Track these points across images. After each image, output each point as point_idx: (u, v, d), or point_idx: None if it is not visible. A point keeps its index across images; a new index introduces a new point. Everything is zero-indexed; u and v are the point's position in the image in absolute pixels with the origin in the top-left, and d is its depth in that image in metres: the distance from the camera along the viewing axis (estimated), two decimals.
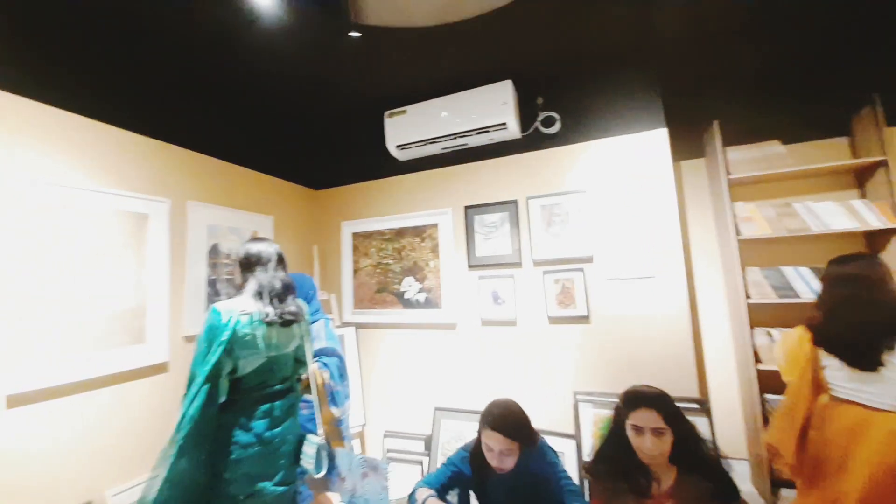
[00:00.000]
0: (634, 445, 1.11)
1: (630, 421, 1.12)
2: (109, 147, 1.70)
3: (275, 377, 1.37)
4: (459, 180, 2.44)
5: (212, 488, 1.22)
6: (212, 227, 2.11)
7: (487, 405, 1.30)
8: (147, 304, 1.74)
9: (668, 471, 1.11)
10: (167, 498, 1.12)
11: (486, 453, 1.22)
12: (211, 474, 1.22)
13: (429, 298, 2.40)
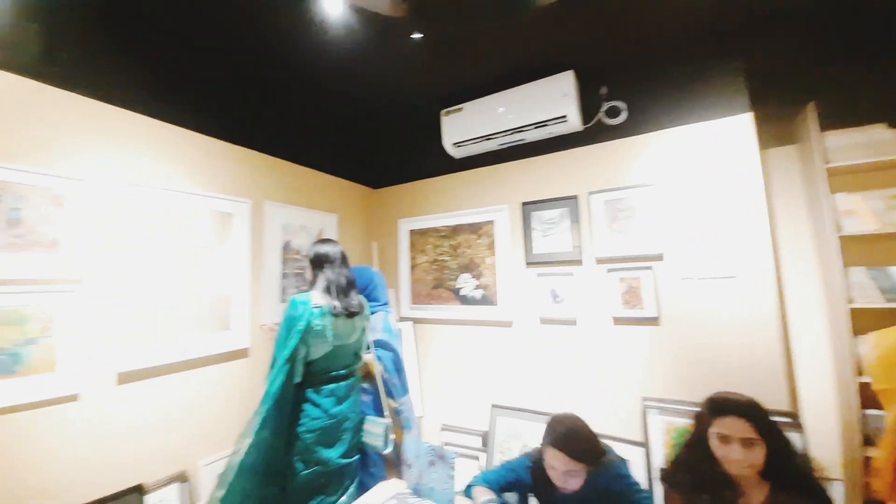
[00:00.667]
0: (719, 456, 1.02)
1: (715, 429, 1.04)
2: (202, 153, 1.90)
3: (338, 363, 1.56)
4: (516, 176, 2.41)
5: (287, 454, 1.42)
6: (285, 225, 2.27)
7: (550, 421, 1.26)
8: (232, 295, 1.92)
9: (759, 486, 1.02)
10: (253, 460, 1.33)
11: (549, 471, 1.18)
12: (287, 442, 1.43)
13: (485, 295, 2.40)
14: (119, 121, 1.61)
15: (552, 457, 1.16)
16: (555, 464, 1.15)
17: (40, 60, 1.41)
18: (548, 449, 1.18)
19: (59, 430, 1.35)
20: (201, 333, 1.78)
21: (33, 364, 1.30)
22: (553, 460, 1.15)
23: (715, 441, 1.04)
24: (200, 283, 1.80)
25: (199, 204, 1.84)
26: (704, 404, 1.11)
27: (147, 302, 1.61)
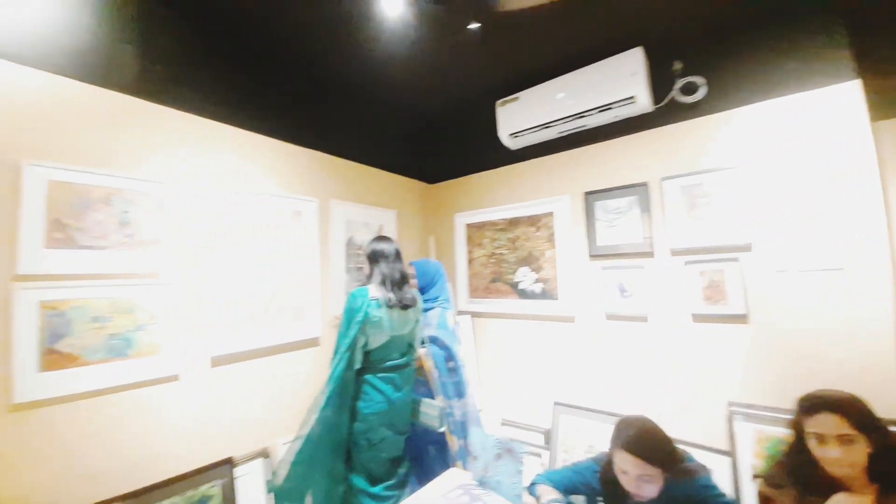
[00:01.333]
0: (818, 457, 0.91)
1: (809, 428, 0.94)
2: (275, 156, 2.04)
3: (395, 352, 1.69)
4: (577, 165, 2.29)
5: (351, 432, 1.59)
6: (348, 221, 2.38)
7: (619, 423, 1.19)
8: (304, 288, 2.05)
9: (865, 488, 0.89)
10: (318, 435, 1.51)
11: (621, 476, 1.11)
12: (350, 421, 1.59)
13: (545, 289, 2.33)
14: (206, 130, 1.78)
15: (623, 460, 1.09)
16: (627, 468, 1.08)
17: (138, 78, 1.59)
18: (618, 452, 1.11)
19: (162, 407, 1.54)
20: (279, 323, 1.92)
21: (142, 348, 1.49)
22: (624, 464, 1.09)
23: (812, 441, 0.94)
24: (277, 276, 1.94)
25: (274, 204, 1.98)
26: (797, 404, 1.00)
27: (234, 294, 1.77)
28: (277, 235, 1.97)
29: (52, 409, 1.30)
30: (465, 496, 1.23)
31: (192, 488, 1.49)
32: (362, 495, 1.55)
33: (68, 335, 1.33)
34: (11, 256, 1.26)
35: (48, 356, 1.29)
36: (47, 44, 1.38)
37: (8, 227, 1.26)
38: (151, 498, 1.40)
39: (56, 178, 1.36)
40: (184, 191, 1.66)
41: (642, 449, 1.06)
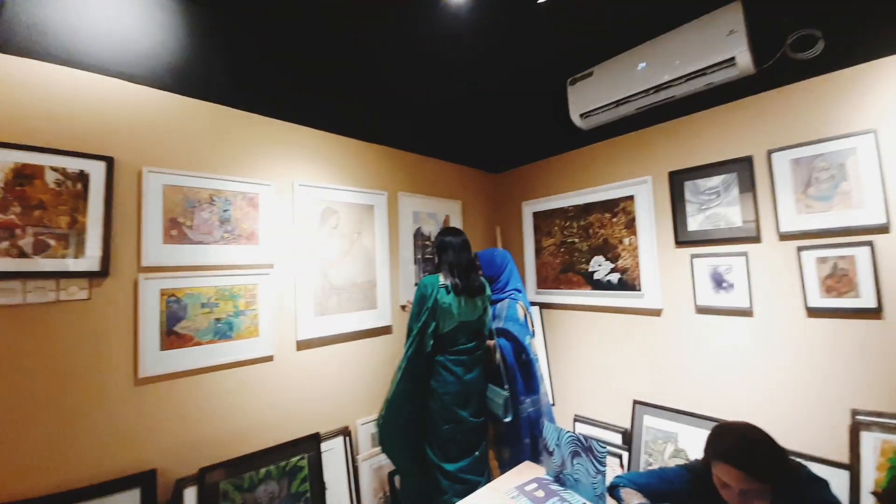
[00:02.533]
0: None
1: None
2: (348, 153, 2.14)
3: (465, 337, 1.74)
4: (661, 142, 2.07)
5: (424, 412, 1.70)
6: (415, 213, 2.42)
7: (717, 430, 1.05)
8: (377, 278, 2.13)
9: None
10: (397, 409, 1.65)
11: (722, 490, 0.99)
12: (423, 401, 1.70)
13: (623, 280, 2.16)
14: (288, 132, 1.92)
15: (723, 473, 0.97)
16: (728, 481, 0.96)
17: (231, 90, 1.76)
18: (717, 464, 0.99)
19: (259, 384, 1.71)
20: (355, 311, 2.03)
21: (243, 331, 1.67)
22: (725, 477, 0.96)
23: None
24: (352, 268, 2.05)
25: (349, 198, 2.08)
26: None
27: (316, 283, 1.90)
28: (351, 228, 2.08)
29: (170, 383, 1.50)
30: (541, 490, 1.19)
31: (285, 459, 1.64)
32: (437, 470, 1.63)
33: (184, 319, 1.53)
34: (137, 251, 1.47)
35: (167, 337, 1.50)
36: (155, 64, 1.57)
37: (134, 226, 1.47)
38: (252, 465, 1.56)
39: (169, 182, 1.56)
40: (272, 190, 1.81)
41: (747, 461, 0.93)
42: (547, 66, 2.25)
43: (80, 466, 1.31)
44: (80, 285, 1.36)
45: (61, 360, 1.31)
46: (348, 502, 1.77)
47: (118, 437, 1.39)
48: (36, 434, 1.26)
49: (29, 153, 1.30)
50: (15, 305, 1.26)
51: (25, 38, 1.32)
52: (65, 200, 1.35)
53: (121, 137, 1.47)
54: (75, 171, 1.37)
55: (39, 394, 1.27)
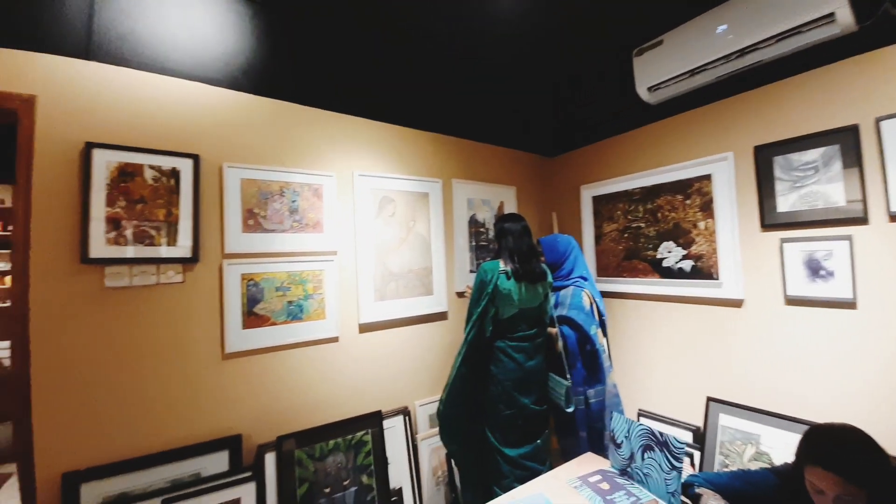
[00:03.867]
0: None
1: None
2: (403, 142, 2.18)
3: (525, 324, 1.70)
4: (745, 114, 1.85)
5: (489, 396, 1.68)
6: (469, 200, 2.41)
7: (813, 432, 0.95)
8: (433, 265, 2.17)
9: None
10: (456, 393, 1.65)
11: (815, 496, 0.89)
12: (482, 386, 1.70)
13: (697, 267, 1.99)
14: (347, 125, 1.99)
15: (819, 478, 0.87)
16: (823, 487, 0.86)
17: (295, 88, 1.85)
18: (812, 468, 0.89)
19: (326, 362, 1.82)
20: (413, 297, 2.09)
21: (312, 313, 1.78)
22: (821, 482, 0.87)
23: None
24: (409, 254, 2.10)
25: (405, 186, 2.12)
26: None
27: (376, 270, 1.98)
28: (407, 216, 2.12)
29: (250, 358, 1.65)
30: (606, 483, 1.15)
31: (351, 433, 1.74)
32: (497, 454, 1.63)
33: (262, 301, 1.67)
34: (221, 239, 1.62)
35: (248, 317, 1.64)
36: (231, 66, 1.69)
37: (217, 217, 1.62)
38: (321, 437, 1.69)
39: (246, 176, 1.69)
40: (334, 181, 1.89)
41: (846, 465, 0.84)
42: (609, 38, 2.10)
43: (179, 429, 1.50)
44: (175, 270, 1.54)
45: (161, 336, 1.49)
46: (408, 478, 1.85)
47: (209, 405, 1.56)
48: (143, 400, 1.45)
49: (130, 153, 1.48)
50: (123, 287, 1.45)
51: (118, 48, 1.48)
52: (161, 195, 1.52)
53: (204, 136, 1.62)
54: (168, 169, 1.53)
55: (146, 365, 1.46)
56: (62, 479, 1.31)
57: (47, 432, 1.30)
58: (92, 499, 1.34)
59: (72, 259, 1.37)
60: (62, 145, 1.38)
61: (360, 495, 1.68)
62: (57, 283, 1.35)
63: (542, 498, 1.09)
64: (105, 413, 1.39)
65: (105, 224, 1.42)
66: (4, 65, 1.32)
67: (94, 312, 1.39)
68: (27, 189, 1.34)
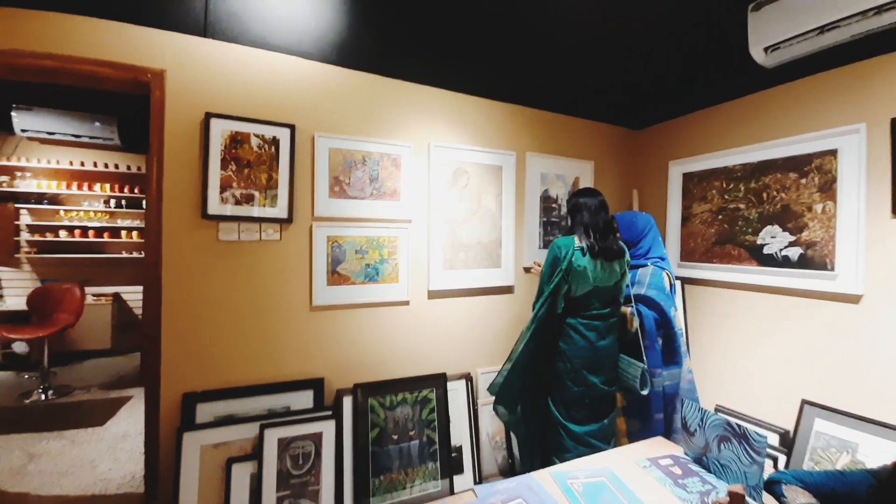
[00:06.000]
0: None
1: None
2: (478, 113, 2.16)
3: (600, 302, 1.63)
4: (883, 79, 1.55)
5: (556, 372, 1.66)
6: (543, 174, 2.34)
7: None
8: (502, 239, 2.17)
9: None
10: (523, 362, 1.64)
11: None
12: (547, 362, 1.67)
13: (806, 255, 1.75)
14: (425, 95, 2.02)
15: None
16: None
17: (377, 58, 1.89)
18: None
19: (398, 323, 1.95)
20: (481, 268, 2.12)
21: (386, 276, 1.90)
22: None
23: None
24: (479, 226, 2.12)
25: (478, 158, 2.13)
26: None
27: (446, 239, 2.04)
28: (479, 188, 2.13)
29: (333, 312, 1.82)
30: (678, 467, 1.12)
31: (418, 389, 1.87)
32: (561, 428, 1.62)
33: (343, 262, 1.82)
34: (311, 203, 1.77)
35: (332, 275, 1.80)
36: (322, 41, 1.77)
37: (308, 182, 1.77)
38: (392, 389, 1.83)
39: (333, 145, 1.81)
40: (411, 151, 1.95)
41: None
42: None
43: (274, 368, 1.72)
44: (274, 228, 1.72)
45: (262, 286, 1.70)
46: (468, 438, 1.95)
47: (298, 349, 1.76)
48: (246, 339, 1.68)
49: (240, 123, 1.65)
50: (233, 242, 1.67)
51: (229, 25, 1.62)
52: (264, 161, 1.69)
53: (299, 107, 1.75)
54: (270, 137, 1.70)
55: (250, 310, 1.69)
56: (182, 399, 1.59)
57: (171, 360, 1.58)
58: (206, 416, 1.61)
59: (194, 215, 1.60)
60: (187, 115, 1.59)
61: (423, 446, 1.81)
62: (183, 236, 1.59)
63: (608, 471, 1.09)
64: (216, 348, 1.64)
65: (219, 185, 1.62)
66: (139, 41, 1.53)
67: (211, 262, 1.63)
68: (160, 154, 1.58)
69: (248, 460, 1.59)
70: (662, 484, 1.06)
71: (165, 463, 1.56)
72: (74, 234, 4.18)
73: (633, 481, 1.06)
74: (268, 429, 1.60)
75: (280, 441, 1.61)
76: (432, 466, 1.79)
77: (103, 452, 2.32)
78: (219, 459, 1.57)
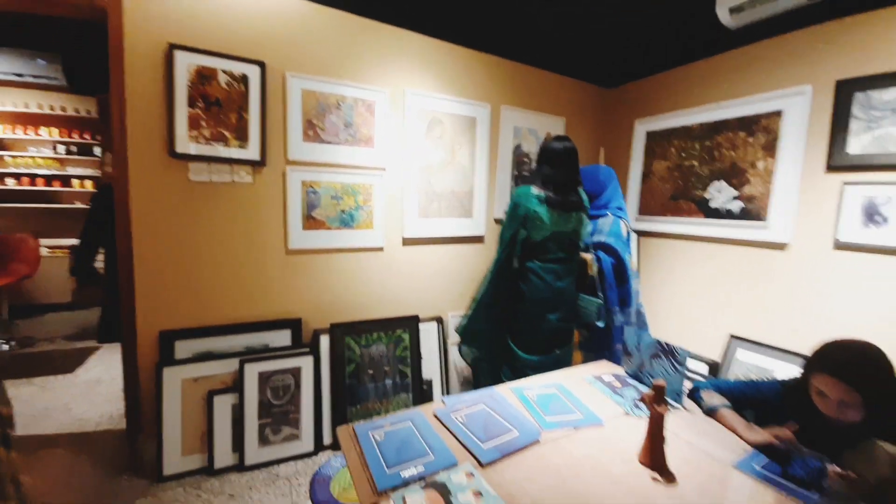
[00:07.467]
0: None
1: None
2: (453, 62, 2.15)
3: (557, 247, 1.75)
4: (832, 45, 1.67)
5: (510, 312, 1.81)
6: (516, 128, 2.40)
7: (824, 346, 0.99)
8: (475, 190, 2.25)
9: None
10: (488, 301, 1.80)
11: (816, 397, 0.96)
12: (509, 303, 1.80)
13: (747, 209, 1.94)
14: (402, 39, 1.99)
15: (824, 384, 0.94)
16: (826, 389, 0.93)
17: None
18: (820, 375, 0.96)
19: (372, 268, 2.03)
20: (453, 217, 2.20)
21: (361, 223, 1.95)
22: (823, 385, 0.94)
23: None
24: (453, 176, 2.18)
25: (454, 108, 2.14)
26: None
27: (421, 188, 2.09)
28: (454, 140, 2.16)
29: (310, 256, 1.87)
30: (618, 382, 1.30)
31: (392, 329, 1.99)
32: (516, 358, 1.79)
33: (318, 207, 1.85)
34: (284, 146, 1.76)
35: (307, 220, 1.83)
36: None
37: (281, 124, 1.75)
38: (367, 329, 1.94)
39: (306, 86, 1.78)
40: (386, 96, 1.94)
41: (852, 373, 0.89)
42: None
43: (251, 308, 1.78)
44: (246, 171, 1.71)
45: (237, 227, 1.72)
46: (438, 372, 2.11)
47: (275, 290, 1.82)
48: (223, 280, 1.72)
49: (207, 57, 1.59)
50: (205, 182, 1.65)
51: None
52: (233, 99, 1.65)
53: (269, 44, 1.70)
54: (239, 74, 1.65)
55: (226, 251, 1.71)
56: (159, 336, 1.63)
57: (146, 298, 1.60)
58: (185, 353, 1.67)
59: (161, 152, 1.57)
60: (148, 46, 1.51)
61: (396, 380, 1.95)
62: (151, 175, 1.56)
63: (559, 385, 1.26)
64: (193, 288, 1.67)
65: (187, 123, 1.58)
66: None
67: (183, 203, 1.62)
68: (120, 87, 1.51)
69: (229, 392, 1.67)
70: (604, 394, 1.24)
71: (146, 397, 1.62)
72: (22, 181, 3.90)
73: (579, 392, 1.23)
74: (247, 363, 1.68)
75: (261, 375, 1.70)
76: (405, 397, 1.95)
77: (77, 396, 2.34)
78: (200, 392, 1.65)
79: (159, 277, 1.61)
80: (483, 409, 1.11)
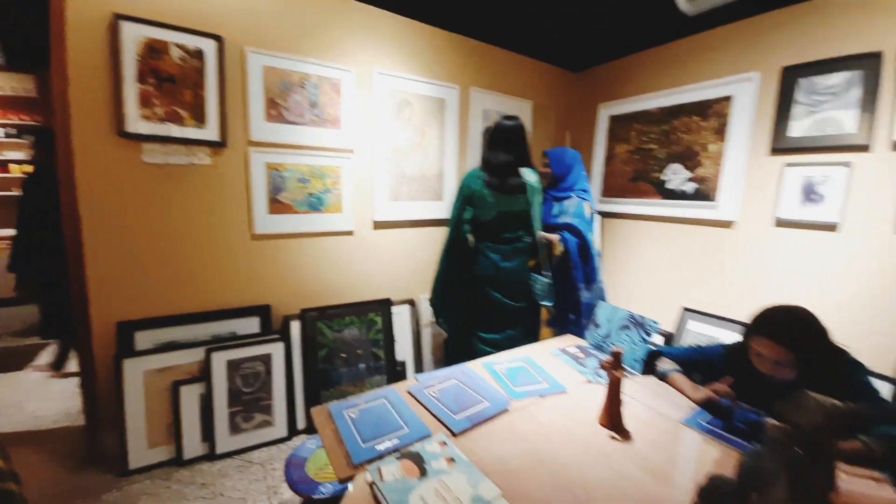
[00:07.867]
0: None
1: None
2: (421, 41, 2.11)
3: (506, 228, 1.80)
4: (779, 32, 1.78)
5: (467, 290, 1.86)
6: (486, 111, 2.41)
7: (762, 310, 1.09)
8: (444, 172, 2.25)
9: None
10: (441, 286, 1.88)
11: (755, 358, 1.07)
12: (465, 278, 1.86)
13: (699, 190, 2.06)
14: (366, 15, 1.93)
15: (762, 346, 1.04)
16: (763, 350, 1.04)
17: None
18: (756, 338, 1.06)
19: (342, 252, 2.01)
20: (424, 200, 2.21)
21: (330, 206, 1.92)
22: (760, 347, 1.04)
23: None
24: (423, 159, 2.17)
25: (423, 90, 2.12)
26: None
27: (391, 171, 2.07)
28: (423, 122, 2.15)
29: (276, 241, 1.83)
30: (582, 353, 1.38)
31: (364, 313, 1.99)
32: (475, 338, 1.85)
33: (285, 190, 1.80)
34: (245, 126, 1.69)
35: (273, 203, 1.78)
36: None
37: (241, 103, 1.67)
38: (339, 313, 1.93)
39: (268, 63, 1.70)
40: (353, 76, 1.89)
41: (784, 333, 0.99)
42: None
43: (216, 295, 1.73)
44: (205, 152, 1.64)
45: (197, 212, 1.65)
46: (412, 354, 2.15)
47: (242, 277, 1.77)
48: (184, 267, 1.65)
49: (156, 29, 1.49)
50: (159, 165, 1.57)
51: None
52: (188, 75, 1.56)
53: (227, 17, 1.61)
54: (194, 49, 1.55)
55: (186, 237, 1.64)
56: (117, 327, 1.56)
57: (100, 289, 1.52)
58: (146, 343, 1.60)
59: (109, 132, 1.47)
60: (92, 15, 1.40)
61: (370, 362, 1.97)
62: (98, 156, 1.46)
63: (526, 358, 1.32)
64: (152, 275, 1.60)
65: (137, 101, 1.48)
66: None
67: (137, 186, 1.53)
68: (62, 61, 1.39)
69: (196, 382, 1.63)
70: (568, 364, 1.32)
71: (105, 390, 1.56)
72: None
73: (545, 364, 1.30)
74: (214, 352, 1.64)
75: (230, 363, 1.67)
76: (379, 379, 1.97)
77: (28, 393, 2.21)
78: (164, 383, 1.60)
79: (114, 266, 1.53)
80: (455, 384, 1.15)
